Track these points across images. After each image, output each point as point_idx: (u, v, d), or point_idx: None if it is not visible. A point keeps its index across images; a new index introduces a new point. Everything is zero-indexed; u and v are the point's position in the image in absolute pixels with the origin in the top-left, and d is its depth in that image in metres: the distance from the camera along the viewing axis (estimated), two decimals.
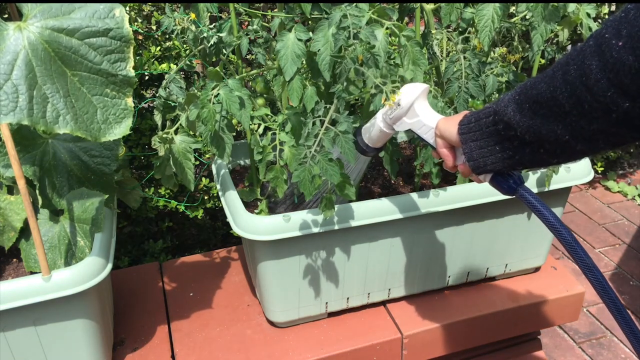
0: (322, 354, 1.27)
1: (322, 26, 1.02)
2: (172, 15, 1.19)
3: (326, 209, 1.12)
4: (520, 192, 0.84)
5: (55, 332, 1.09)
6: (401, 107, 0.98)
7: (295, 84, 1.08)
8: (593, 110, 0.64)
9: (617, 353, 1.93)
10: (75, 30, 0.91)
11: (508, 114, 0.74)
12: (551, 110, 0.68)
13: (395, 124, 1.01)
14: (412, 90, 0.98)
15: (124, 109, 0.96)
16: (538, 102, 0.69)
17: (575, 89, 0.64)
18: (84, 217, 1.15)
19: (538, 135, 0.71)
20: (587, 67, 0.62)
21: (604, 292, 0.74)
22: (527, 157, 0.76)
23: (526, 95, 0.71)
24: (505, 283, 1.50)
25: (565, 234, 0.77)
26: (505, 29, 1.37)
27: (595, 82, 0.61)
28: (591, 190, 2.89)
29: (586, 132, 0.67)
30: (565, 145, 0.70)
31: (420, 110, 0.97)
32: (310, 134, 1.03)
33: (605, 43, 0.60)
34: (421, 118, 0.96)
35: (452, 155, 0.90)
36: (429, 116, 0.96)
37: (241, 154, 1.51)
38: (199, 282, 1.50)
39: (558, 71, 0.67)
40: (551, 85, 0.67)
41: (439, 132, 0.90)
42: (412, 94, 0.97)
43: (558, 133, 0.69)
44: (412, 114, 0.98)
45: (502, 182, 0.85)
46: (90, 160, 1.20)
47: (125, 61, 0.94)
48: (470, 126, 0.82)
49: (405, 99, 0.98)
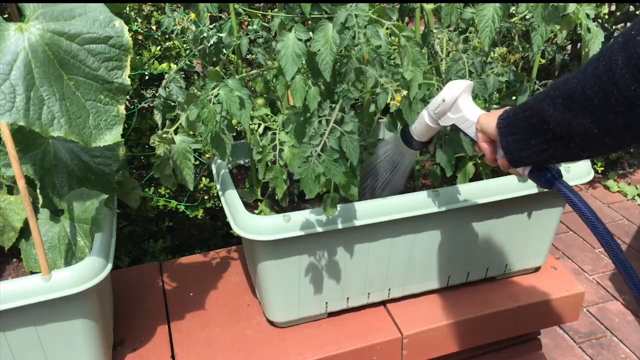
0: (322, 354, 1.27)
1: (322, 26, 1.02)
2: (172, 15, 1.19)
3: (329, 208, 1.12)
4: (558, 185, 0.86)
5: (55, 332, 1.09)
6: (445, 103, 1.00)
7: (298, 83, 1.08)
8: (619, 105, 0.66)
9: (617, 353, 1.93)
10: (77, 35, 0.91)
11: (542, 109, 0.76)
12: (581, 105, 0.71)
13: (440, 119, 1.03)
14: (456, 86, 1.00)
15: (115, 115, 0.97)
16: (570, 96, 0.72)
17: (603, 83, 0.66)
18: (84, 217, 1.15)
19: (569, 128, 0.74)
20: (614, 62, 0.64)
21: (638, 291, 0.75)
22: (559, 151, 0.79)
23: (559, 90, 0.74)
24: (505, 283, 1.50)
25: (601, 230, 0.79)
26: (505, 29, 1.37)
27: (620, 77, 0.64)
28: (591, 190, 2.89)
29: (613, 126, 0.69)
30: (594, 138, 0.72)
31: (464, 105, 0.99)
32: (316, 134, 1.03)
33: (631, 39, 0.63)
34: (464, 113, 0.99)
35: (491, 149, 0.92)
36: (471, 111, 0.98)
37: (241, 154, 1.51)
38: (199, 282, 1.50)
39: (589, 67, 0.69)
40: (582, 80, 0.70)
41: (479, 126, 0.93)
42: (456, 90, 1.00)
43: (587, 127, 0.71)
44: (456, 109, 1.00)
45: (539, 175, 0.87)
46: (91, 160, 1.20)
47: (122, 69, 0.95)
48: (508, 120, 0.85)
49: (449, 94, 1.00)
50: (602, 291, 2.22)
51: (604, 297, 2.19)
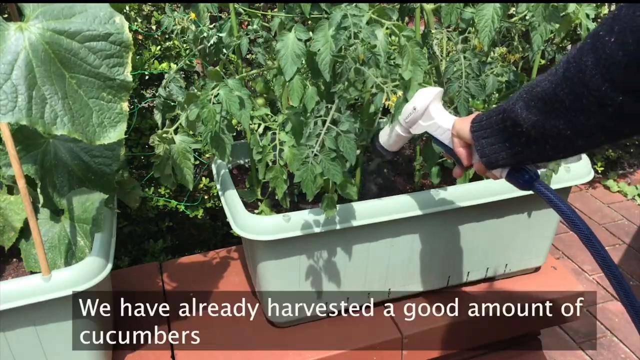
0: (322, 354, 1.27)
1: (322, 26, 1.02)
2: (172, 15, 1.19)
3: (328, 208, 1.12)
4: (536, 186, 0.86)
5: (55, 332, 1.08)
6: (416, 111, 1.00)
7: (295, 83, 1.08)
8: (590, 105, 0.66)
9: (617, 353, 1.93)
10: (77, 33, 0.91)
11: (515, 112, 0.77)
12: (554, 107, 0.71)
13: (411, 127, 1.04)
14: (427, 94, 1.01)
15: (119, 113, 0.97)
16: (542, 99, 0.72)
17: (574, 85, 0.67)
18: (84, 217, 1.15)
19: (542, 131, 0.74)
20: (584, 63, 0.65)
21: (620, 287, 0.77)
22: (534, 153, 0.79)
23: (532, 93, 0.74)
24: (505, 283, 1.50)
25: (581, 227, 0.80)
26: (505, 29, 1.37)
27: (590, 78, 0.64)
28: (591, 190, 2.89)
29: (585, 127, 0.69)
30: (567, 140, 0.73)
31: (435, 112, 0.99)
32: (312, 134, 1.03)
33: (600, 40, 0.63)
34: (436, 120, 0.99)
35: (467, 153, 0.92)
36: (444, 118, 0.98)
37: (241, 154, 1.51)
38: (199, 282, 1.50)
39: (560, 69, 0.69)
40: (553, 82, 0.70)
41: (455, 131, 0.93)
42: (426, 98, 1.00)
43: (560, 128, 0.71)
44: (427, 117, 1.00)
45: (517, 177, 0.88)
46: (91, 160, 1.20)
47: (123, 66, 0.95)
48: (481, 124, 0.85)
49: (420, 102, 1.00)
50: (602, 291, 2.22)
51: (604, 297, 2.19)
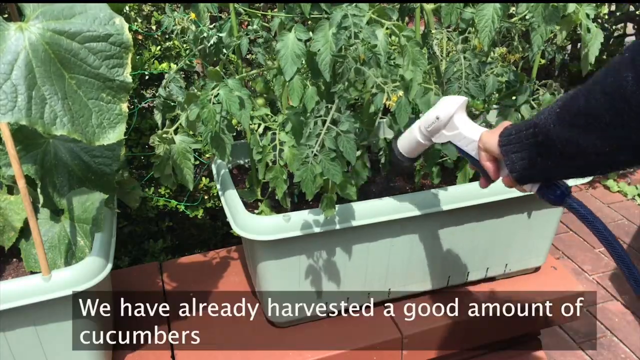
0: (322, 354, 1.27)
1: (322, 26, 1.02)
2: (172, 15, 1.19)
3: (327, 208, 1.12)
4: (569, 202, 0.84)
5: (55, 332, 1.08)
6: (440, 120, 0.97)
7: (295, 83, 1.08)
8: (631, 120, 0.65)
9: (617, 353, 1.93)
10: (77, 34, 0.91)
11: (548, 127, 0.75)
12: (591, 123, 0.69)
13: (433, 136, 1.00)
14: (451, 103, 0.97)
15: (118, 114, 0.97)
16: (578, 114, 0.70)
17: (614, 100, 0.65)
18: (84, 216, 1.15)
19: (577, 146, 0.72)
20: (624, 79, 0.64)
21: None
22: (568, 169, 0.78)
23: (566, 108, 0.72)
24: (505, 283, 1.50)
25: (617, 247, 0.78)
26: (505, 29, 1.37)
27: (632, 94, 0.63)
28: (591, 190, 2.89)
29: (628, 142, 0.68)
30: (605, 156, 0.71)
31: (460, 122, 0.96)
32: (312, 134, 1.03)
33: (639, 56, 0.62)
34: (461, 130, 0.95)
35: (495, 167, 0.89)
36: (469, 129, 0.95)
37: (241, 154, 1.51)
38: (199, 282, 1.50)
39: (597, 84, 0.68)
40: (591, 97, 0.68)
41: (482, 144, 0.89)
42: (450, 107, 0.96)
43: (597, 144, 0.70)
44: (451, 126, 0.97)
45: (548, 193, 0.85)
46: (91, 160, 1.20)
47: (123, 67, 0.95)
48: (510, 138, 0.82)
49: (443, 112, 0.97)
50: (602, 291, 2.22)
51: (604, 297, 2.19)
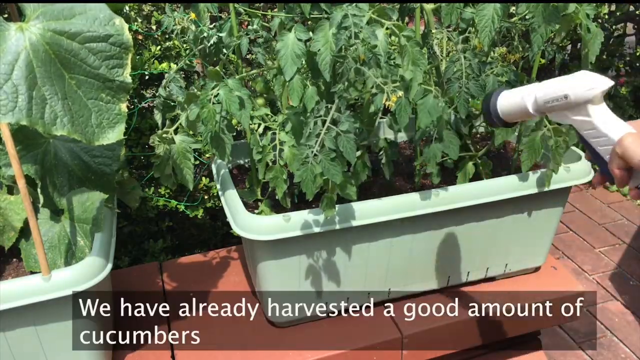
0: (322, 354, 1.27)
1: (322, 26, 1.02)
2: (172, 15, 1.19)
3: (327, 208, 1.12)
4: None
5: (55, 332, 1.08)
6: (568, 101, 0.80)
7: (295, 83, 1.08)
8: None
9: (617, 353, 1.93)
10: (77, 34, 0.91)
11: None
12: None
13: (551, 113, 0.84)
14: (589, 84, 0.78)
15: (117, 114, 0.97)
16: None
17: None
18: (84, 216, 1.15)
19: None
20: None
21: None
22: None
23: None
24: (505, 283, 1.50)
25: None
26: (505, 29, 1.37)
27: None
28: (591, 190, 2.89)
29: None
30: None
31: (596, 112, 0.79)
32: (312, 134, 1.03)
33: None
34: (594, 121, 0.78)
35: (626, 176, 0.77)
36: (607, 122, 0.78)
37: (241, 154, 1.51)
38: (199, 282, 1.50)
39: None
40: None
41: (621, 150, 0.75)
42: (588, 91, 0.78)
43: None
44: (582, 111, 0.80)
45: None
46: (91, 160, 1.20)
47: (123, 67, 0.95)
48: None
49: (576, 93, 0.79)
50: (602, 291, 2.22)
51: (604, 297, 2.19)
